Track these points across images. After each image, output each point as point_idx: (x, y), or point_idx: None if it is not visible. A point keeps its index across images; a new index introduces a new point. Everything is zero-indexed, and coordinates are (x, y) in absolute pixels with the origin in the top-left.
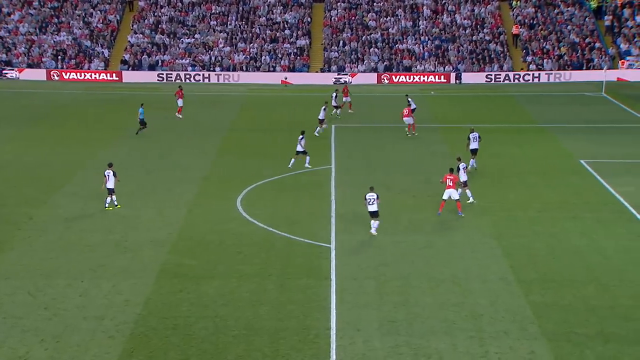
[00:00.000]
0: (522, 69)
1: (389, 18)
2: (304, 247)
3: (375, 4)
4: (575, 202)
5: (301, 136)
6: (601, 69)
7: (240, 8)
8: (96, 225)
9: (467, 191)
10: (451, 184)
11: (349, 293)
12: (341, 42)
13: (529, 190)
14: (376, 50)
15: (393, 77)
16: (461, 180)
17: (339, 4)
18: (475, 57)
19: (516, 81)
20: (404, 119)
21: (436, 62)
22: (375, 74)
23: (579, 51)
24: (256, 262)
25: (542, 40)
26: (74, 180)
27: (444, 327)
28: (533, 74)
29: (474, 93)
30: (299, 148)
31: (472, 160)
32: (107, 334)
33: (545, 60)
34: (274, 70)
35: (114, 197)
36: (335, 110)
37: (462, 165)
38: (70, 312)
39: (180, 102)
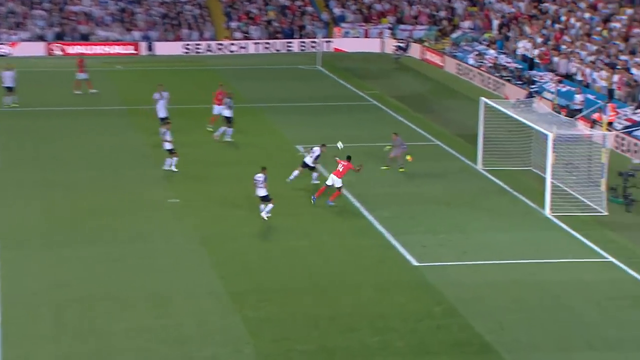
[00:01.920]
0: (226, 37)
1: None
2: None
3: None
4: (292, 196)
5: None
6: (315, 37)
7: None
8: None
9: (314, 174)
10: (341, 170)
11: (15, 325)
12: None
13: (238, 184)
14: (42, 12)
15: (67, 47)
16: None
17: None
18: (170, 22)
19: (220, 52)
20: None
21: (122, 29)
22: (43, 44)
23: (290, 16)
24: None
25: (246, 3)
26: None
27: (142, 358)
28: (240, 44)
29: (170, 67)
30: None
31: (228, 129)
32: None
33: (252, 27)
34: None
35: None
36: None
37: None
38: None
39: None
